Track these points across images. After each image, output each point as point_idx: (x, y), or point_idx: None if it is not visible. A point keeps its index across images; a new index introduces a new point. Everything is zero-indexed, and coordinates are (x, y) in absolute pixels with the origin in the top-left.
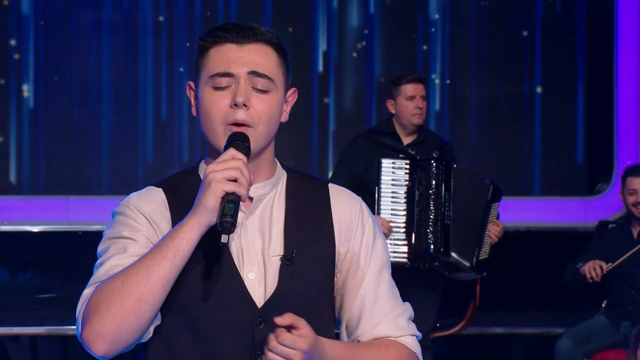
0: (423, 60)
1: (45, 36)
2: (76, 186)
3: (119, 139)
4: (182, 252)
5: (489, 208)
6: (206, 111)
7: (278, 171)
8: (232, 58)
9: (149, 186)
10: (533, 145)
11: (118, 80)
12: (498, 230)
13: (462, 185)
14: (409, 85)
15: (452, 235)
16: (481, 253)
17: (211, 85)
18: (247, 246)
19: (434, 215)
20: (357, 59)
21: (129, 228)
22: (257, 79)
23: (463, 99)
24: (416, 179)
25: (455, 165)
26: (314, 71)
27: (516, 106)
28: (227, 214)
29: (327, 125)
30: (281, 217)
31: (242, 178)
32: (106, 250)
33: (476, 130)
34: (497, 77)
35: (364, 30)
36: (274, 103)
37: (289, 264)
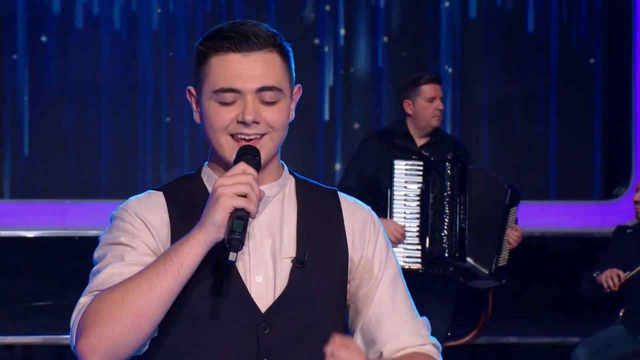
0: (433, 58)
1: (41, 36)
2: (73, 190)
3: (118, 140)
4: (186, 267)
5: (507, 213)
6: (210, 123)
7: (285, 174)
8: (237, 72)
9: (148, 190)
10: (548, 148)
11: (116, 81)
12: (517, 236)
13: (478, 189)
14: (429, 86)
15: (467, 240)
16: (500, 260)
17: (215, 100)
18: (254, 247)
19: (448, 219)
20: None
21: (126, 234)
22: (265, 93)
23: (475, 98)
24: (430, 181)
25: (471, 168)
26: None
27: (531, 107)
28: (236, 230)
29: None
30: (293, 218)
31: (252, 194)
32: (103, 257)
33: (488, 132)
34: (512, 75)
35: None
36: (284, 110)
37: (300, 267)
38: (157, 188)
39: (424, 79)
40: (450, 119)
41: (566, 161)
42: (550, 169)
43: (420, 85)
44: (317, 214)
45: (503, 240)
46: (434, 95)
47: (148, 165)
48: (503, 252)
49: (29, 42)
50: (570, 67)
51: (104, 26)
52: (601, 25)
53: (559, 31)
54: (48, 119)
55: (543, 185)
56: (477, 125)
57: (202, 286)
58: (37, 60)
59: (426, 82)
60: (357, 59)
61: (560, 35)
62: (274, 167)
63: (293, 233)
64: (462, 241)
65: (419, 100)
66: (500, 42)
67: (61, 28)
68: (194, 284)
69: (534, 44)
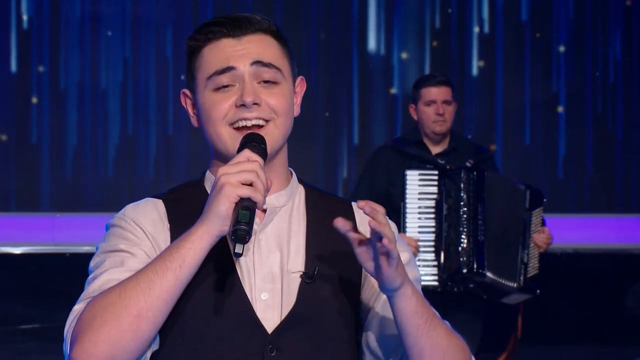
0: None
1: (35, 42)
2: (63, 202)
3: (112, 149)
4: (188, 264)
5: (530, 217)
6: (208, 116)
7: (293, 182)
8: (230, 52)
9: (147, 197)
10: (583, 157)
11: (110, 88)
12: (545, 237)
13: (496, 196)
14: (429, 89)
15: (487, 253)
16: (529, 269)
17: (211, 88)
18: (260, 263)
19: (465, 231)
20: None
21: (125, 241)
22: (263, 69)
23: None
24: (444, 191)
25: (489, 174)
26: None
27: (578, 114)
28: (242, 221)
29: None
30: (301, 230)
31: (259, 182)
32: (100, 264)
33: (524, 138)
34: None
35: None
36: (287, 94)
37: (309, 282)
38: (157, 196)
39: (427, 82)
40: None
41: (601, 172)
42: (585, 181)
43: (421, 88)
44: (328, 225)
45: (529, 247)
46: (435, 98)
47: (145, 176)
48: (532, 260)
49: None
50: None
51: (102, 27)
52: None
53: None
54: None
55: (577, 197)
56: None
57: (204, 304)
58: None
59: (428, 85)
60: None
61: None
62: (281, 173)
63: (302, 246)
64: (481, 254)
65: (420, 104)
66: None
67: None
68: (198, 298)
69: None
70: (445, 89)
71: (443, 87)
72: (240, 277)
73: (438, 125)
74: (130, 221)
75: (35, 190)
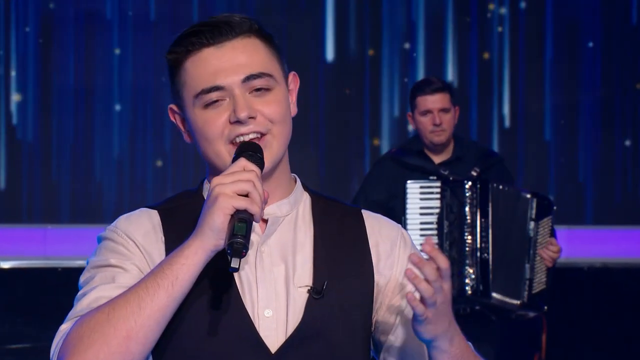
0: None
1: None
2: (55, 213)
3: (108, 156)
4: (181, 281)
5: (536, 227)
6: (203, 135)
7: (297, 190)
8: (215, 67)
9: (142, 208)
10: (623, 163)
11: (103, 94)
12: (553, 251)
13: (501, 208)
14: (425, 98)
15: (492, 272)
16: (534, 285)
17: (200, 105)
18: (263, 276)
19: (468, 249)
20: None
21: (117, 255)
22: (253, 82)
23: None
24: (445, 206)
25: (493, 185)
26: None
27: (607, 120)
28: (238, 233)
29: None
30: (308, 241)
31: (255, 193)
32: (90, 280)
33: (544, 144)
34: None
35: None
36: (282, 99)
37: (317, 298)
38: (152, 206)
39: (421, 90)
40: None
41: (634, 179)
42: (615, 190)
43: (416, 97)
44: (337, 235)
45: (535, 261)
46: (429, 107)
47: (143, 185)
48: (538, 274)
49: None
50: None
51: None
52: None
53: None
54: (29, 132)
55: (605, 208)
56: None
57: (200, 322)
58: (21, 68)
59: (423, 94)
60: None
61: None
62: (283, 180)
63: (309, 258)
64: (485, 274)
65: (416, 113)
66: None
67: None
68: (194, 315)
69: None
70: (441, 96)
71: (439, 94)
72: (240, 292)
73: (436, 135)
74: (122, 234)
75: (25, 200)
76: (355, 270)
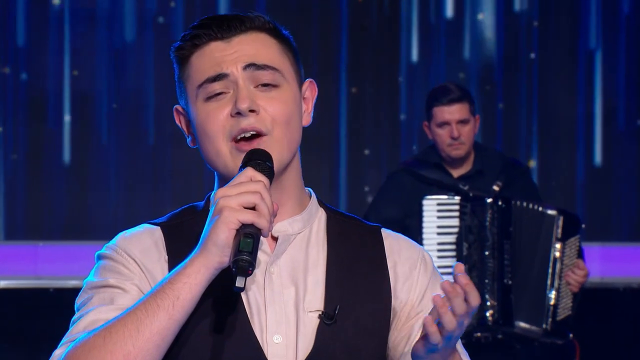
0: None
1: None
2: (47, 229)
3: (105, 167)
4: (183, 301)
5: (563, 247)
6: (203, 131)
7: (312, 205)
8: (220, 57)
9: (143, 224)
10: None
11: (98, 103)
12: (580, 275)
13: (525, 228)
14: (441, 109)
15: (514, 298)
16: (559, 310)
17: (203, 98)
18: (272, 299)
19: (489, 275)
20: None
21: (117, 275)
22: (258, 72)
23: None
24: (464, 227)
25: (516, 202)
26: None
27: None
28: (244, 250)
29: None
30: (321, 262)
31: (263, 205)
32: (88, 301)
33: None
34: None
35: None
36: (289, 100)
37: (329, 323)
38: (155, 222)
39: (435, 99)
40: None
41: None
42: None
43: (432, 107)
44: (353, 255)
45: (561, 284)
46: (447, 119)
47: (142, 198)
48: (563, 299)
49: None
50: None
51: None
52: None
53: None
54: (20, 140)
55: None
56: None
57: (205, 346)
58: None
59: (439, 104)
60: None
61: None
62: (295, 193)
63: (321, 280)
64: (507, 301)
65: (432, 124)
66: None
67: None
68: (197, 340)
69: None
70: (459, 106)
71: (457, 104)
72: (249, 316)
73: (454, 149)
74: (122, 252)
75: (15, 215)
76: (370, 294)
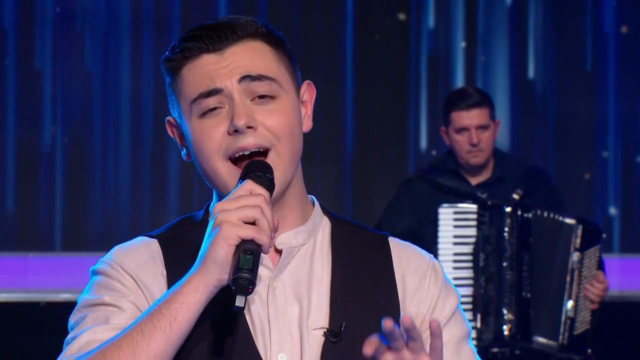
0: None
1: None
2: (38, 239)
3: (99, 177)
4: (181, 322)
5: (582, 258)
6: (199, 149)
7: (315, 214)
8: (213, 70)
9: (140, 236)
10: None
11: (91, 110)
12: (599, 289)
13: (543, 238)
14: (460, 114)
15: (533, 312)
16: (577, 324)
17: (197, 113)
18: (276, 316)
19: (507, 287)
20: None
21: (112, 292)
22: (254, 84)
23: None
24: (481, 236)
25: (537, 212)
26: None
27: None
28: (244, 267)
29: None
30: (325, 277)
31: (264, 220)
32: (81, 321)
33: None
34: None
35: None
36: (288, 110)
37: (335, 341)
38: (152, 235)
39: (453, 103)
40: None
41: None
42: None
43: (450, 111)
44: (359, 268)
45: (579, 297)
46: (465, 125)
47: (139, 207)
48: (581, 312)
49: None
50: None
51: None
52: None
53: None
54: (9, 147)
55: None
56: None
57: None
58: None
59: (455, 108)
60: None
61: None
62: (297, 203)
63: (325, 296)
64: (526, 315)
65: (450, 129)
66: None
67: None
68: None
69: None
70: (478, 111)
71: (476, 109)
72: (252, 334)
73: (472, 156)
74: (117, 267)
75: (2, 225)
76: (377, 309)
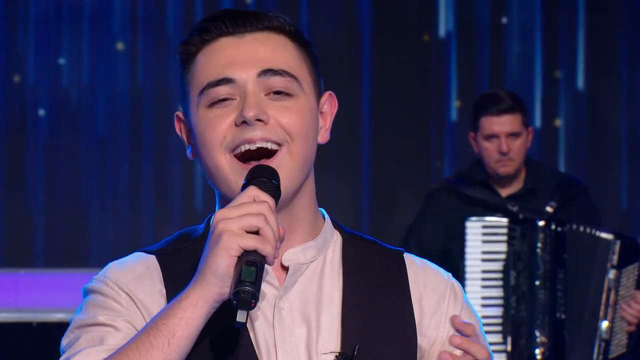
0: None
1: None
2: (30, 256)
3: (96, 188)
4: (179, 339)
5: (618, 277)
6: (202, 141)
7: (326, 229)
8: (229, 56)
9: (136, 252)
10: None
11: (87, 119)
12: (638, 310)
13: (579, 255)
14: (490, 119)
15: (568, 334)
16: (612, 347)
17: (205, 103)
18: (282, 338)
19: (540, 307)
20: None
21: (107, 311)
22: (272, 79)
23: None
24: (512, 253)
25: (572, 226)
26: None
27: None
28: (246, 280)
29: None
30: (336, 296)
31: (268, 229)
32: (75, 342)
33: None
34: None
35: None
36: (305, 111)
37: None
38: (149, 250)
39: (483, 108)
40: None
41: None
42: None
43: (479, 116)
44: (372, 287)
45: (615, 317)
46: (495, 132)
47: (136, 222)
48: (617, 335)
49: None
50: None
51: None
52: None
53: None
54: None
55: None
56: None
57: None
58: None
59: (485, 113)
60: None
61: None
62: (306, 216)
63: (336, 317)
64: (560, 338)
65: (479, 136)
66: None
67: None
68: None
69: None
70: (510, 117)
71: (507, 115)
72: (258, 356)
73: (502, 166)
74: (112, 284)
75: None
76: (393, 332)
